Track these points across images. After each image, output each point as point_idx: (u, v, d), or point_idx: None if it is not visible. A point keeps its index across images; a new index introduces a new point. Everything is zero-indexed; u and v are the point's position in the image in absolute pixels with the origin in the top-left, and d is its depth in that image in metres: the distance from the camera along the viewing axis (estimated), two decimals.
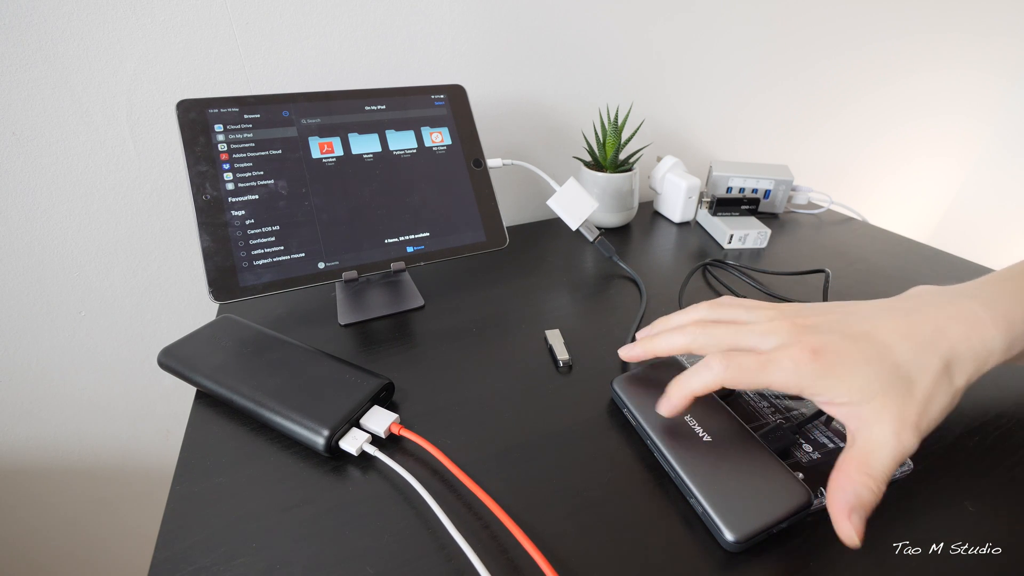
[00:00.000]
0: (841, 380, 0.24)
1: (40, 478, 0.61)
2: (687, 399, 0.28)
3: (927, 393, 0.24)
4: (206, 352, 0.37)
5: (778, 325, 0.27)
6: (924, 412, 0.24)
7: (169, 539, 0.26)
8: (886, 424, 0.23)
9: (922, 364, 0.24)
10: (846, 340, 0.25)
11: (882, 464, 0.23)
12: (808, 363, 0.24)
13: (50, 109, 0.46)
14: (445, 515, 0.26)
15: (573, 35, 0.63)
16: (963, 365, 0.24)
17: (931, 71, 0.95)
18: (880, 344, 0.25)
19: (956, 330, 0.25)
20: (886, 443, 0.23)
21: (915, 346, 0.25)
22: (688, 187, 0.64)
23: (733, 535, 0.24)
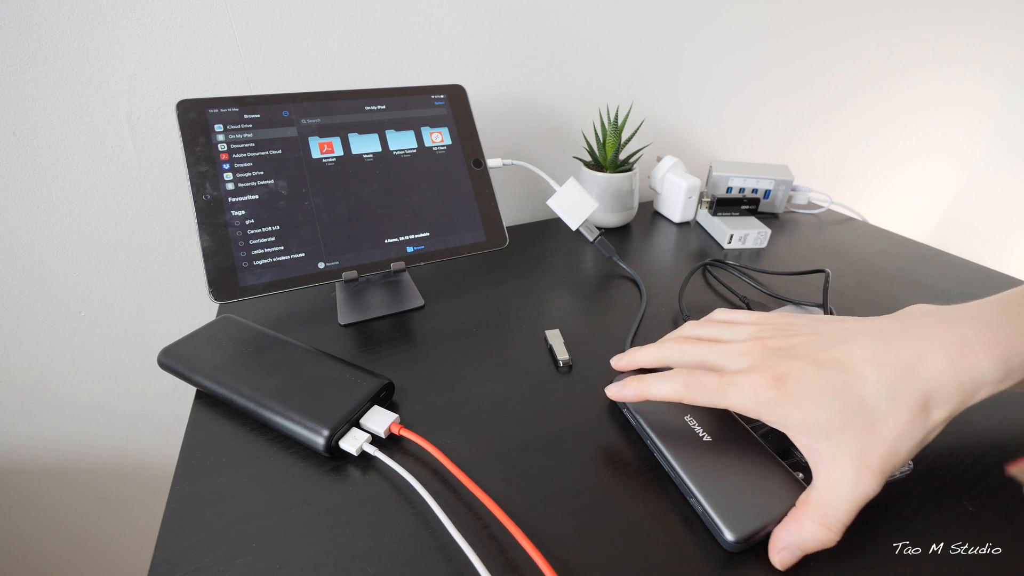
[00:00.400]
0: (800, 410, 0.23)
1: (40, 478, 0.61)
2: (639, 397, 0.30)
3: (895, 431, 0.22)
4: (206, 352, 0.37)
5: (750, 347, 0.27)
6: (889, 453, 0.22)
7: (169, 539, 0.26)
8: (844, 466, 0.22)
9: (894, 397, 0.22)
10: (812, 366, 0.24)
11: (838, 511, 0.22)
12: (768, 390, 0.24)
13: (50, 109, 0.46)
14: (445, 515, 0.26)
15: (573, 35, 0.63)
16: (944, 398, 0.22)
17: (931, 71, 0.95)
18: (849, 373, 0.23)
19: (939, 359, 0.22)
20: (843, 488, 0.22)
21: (888, 377, 0.23)
22: (688, 187, 0.64)
23: (733, 535, 0.24)
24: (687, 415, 0.31)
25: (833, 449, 0.23)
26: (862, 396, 0.23)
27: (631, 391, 0.30)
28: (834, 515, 0.23)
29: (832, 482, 0.23)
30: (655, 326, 0.44)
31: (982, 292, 0.48)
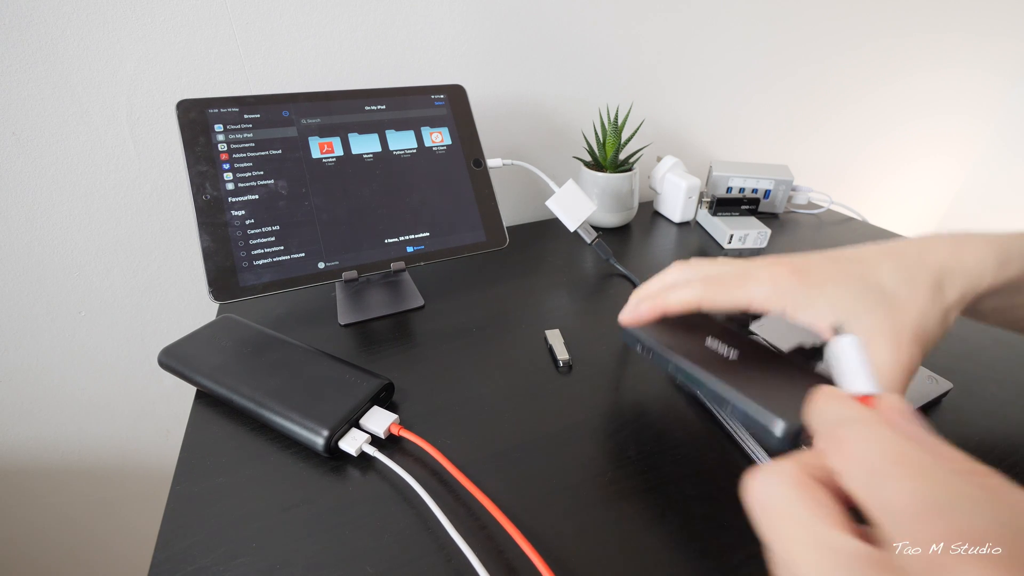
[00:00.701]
0: (823, 294, 0.23)
1: (40, 478, 0.61)
2: (656, 311, 0.28)
3: (918, 308, 0.22)
4: (206, 352, 0.37)
5: (761, 259, 0.27)
6: (919, 327, 0.22)
7: (169, 539, 0.26)
8: (882, 342, 0.22)
9: (909, 279, 0.23)
10: (829, 261, 0.25)
11: (890, 384, 0.21)
12: (787, 277, 0.24)
13: (50, 109, 0.46)
14: (444, 516, 0.26)
15: (573, 35, 0.63)
16: (953, 280, 0.23)
17: (931, 71, 0.95)
18: (865, 264, 0.24)
19: (944, 249, 0.24)
20: (886, 362, 0.22)
21: (901, 265, 0.23)
22: (688, 187, 0.64)
23: (785, 423, 0.22)
24: (707, 338, 0.29)
25: (865, 333, 0.22)
26: (880, 282, 0.23)
27: (646, 307, 0.28)
28: (887, 388, 0.22)
29: (875, 357, 0.22)
30: None
31: None
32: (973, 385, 0.36)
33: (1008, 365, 0.38)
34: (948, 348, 0.40)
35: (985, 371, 0.38)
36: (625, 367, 0.39)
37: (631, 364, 0.39)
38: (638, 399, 0.36)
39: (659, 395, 0.36)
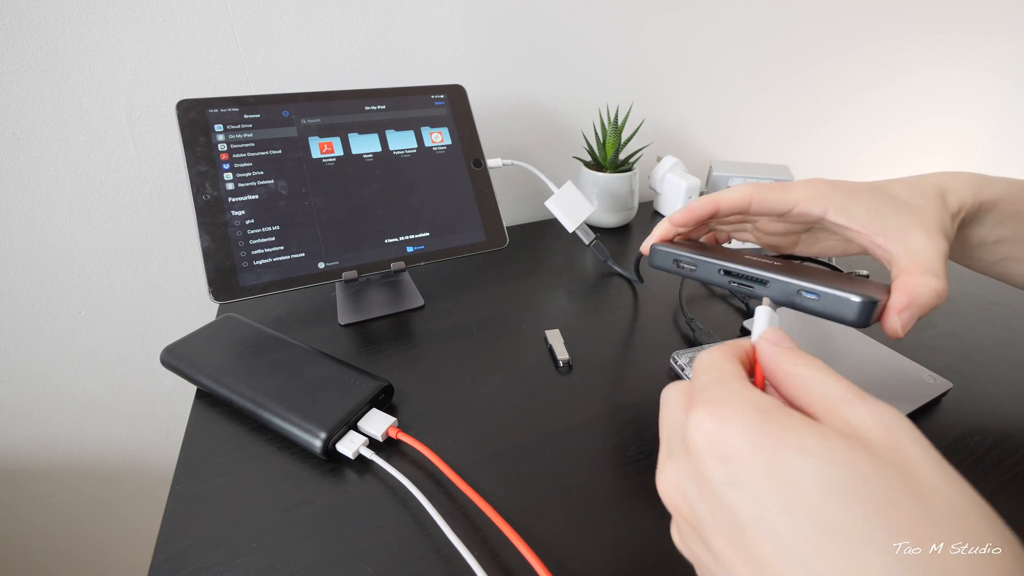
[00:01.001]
0: (855, 199, 0.26)
1: (40, 478, 0.61)
2: (711, 207, 0.29)
3: (934, 211, 0.26)
4: (208, 351, 0.37)
5: None
6: (939, 225, 0.25)
7: (169, 539, 0.27)
8: (916, 233, 0.25)
9: (918, 190, 0.27)
10: (851, 183, 0.28)
11: (935, 263, 0.24)
12: (825, 185, 0.27)
13: (50, 109, 0.46)
14: (441, 518, 0.26)
15: (573, 35, 0.63)
16: (950, 195, 0.27)
17: (931, 71, 0.95)
18: (878, 186, 0.28)
19: (934, 176, 0.28)
20: (927, 246, 0.24)
21: (908, 186, 0.28)
22: (688, 187, 0.64)
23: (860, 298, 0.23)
24: (745, 255, 0.30)
25: (898, 230, 0.25)
26: (896, 196, 0.27)
27: (701, 203, 0.30)
28: (933, 264, 0.24)
29: (915, 245, 0.25)
30: (655, 326, 0.44)
31: (982, 292, 0.48)
32: (972, 385, 0.36)
33: (1007, 365, 0.38)
34: (947, 348, 0.40)
35: (984, 371, 0.38)
36: (625, 367, 0.39)
37: (631, 364, 0.39)
38: (638, 399, 0.36)
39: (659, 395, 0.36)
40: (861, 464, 0.14)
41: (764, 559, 0.15)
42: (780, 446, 0.15)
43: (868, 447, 0.15)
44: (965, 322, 0.43)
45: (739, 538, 0.15)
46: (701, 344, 0.40)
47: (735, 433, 0.16)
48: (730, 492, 0.16)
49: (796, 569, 0.14)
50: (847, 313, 0.24)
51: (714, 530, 0.16)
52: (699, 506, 0.17)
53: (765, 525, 0.15)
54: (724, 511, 0.16)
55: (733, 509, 0.15)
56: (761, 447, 0.15)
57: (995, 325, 0.43)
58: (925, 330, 0.42)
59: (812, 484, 0.14)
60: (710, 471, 0.16)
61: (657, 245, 0.31)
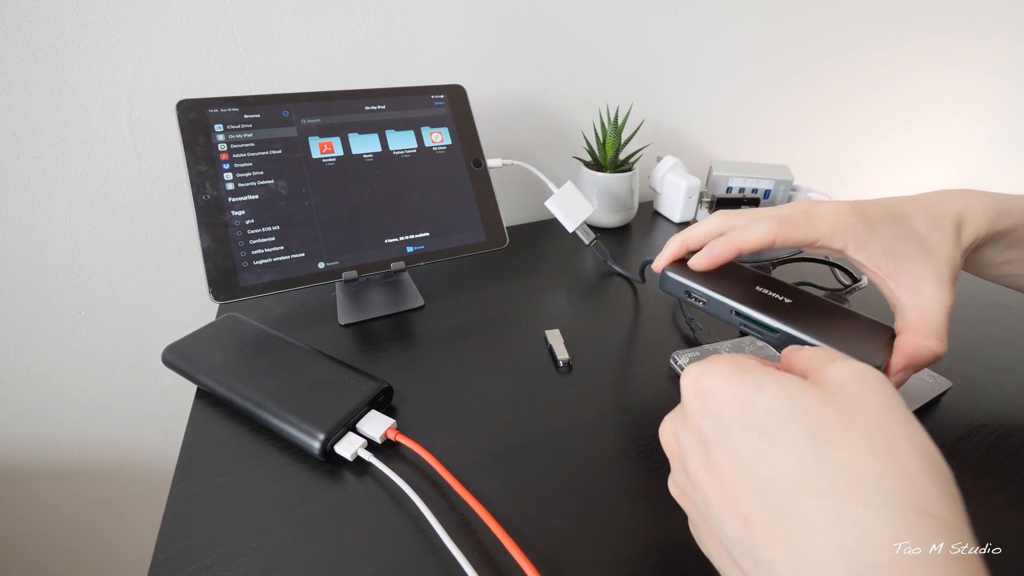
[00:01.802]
0: (876, 235, 0.26)
1: (40, 478, 0.61)
2: (733, 251, 0.28)
3: (948, 252, 0.26)
4: (209, 351, 0.37)
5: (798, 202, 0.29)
6: (952, 269, 0.26)
7: (169, 539, 0.26)
8: (928, 284, 0.26)
9: (936, 223, 0.27)
10: (870, 201, 0.28)
11: (939, 322, 0.25)
12: (848, 212, 0.27)
13: (50, 109, 0.46)
14: (437, 522, 0.26)
15: (573, 35, 0.63)
16: (967, 227, 0.27)
17: (931, 71, 0.95)
18: (900, 212, 0.27)
19: (956, 201, 0.28)
20: (935, 301, 0.25)
21: (929, 215, 0.27)
22: (688, 187, 0.64)
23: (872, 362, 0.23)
24: (756, 286, 0.30)
25: (912, 275, 0.26)
26: (916, 229, 0.27)
27: (723, 246, 0.28)
28: (937, 326, 0.25)
29: (924, 299, 0.26)
30: (655, 326, 0.44)
31: (982, 292, 0.48)
32: (972, 385, 0.36)
33: (1007, 365, 0.38)
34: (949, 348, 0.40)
35: (984, 371, 0.38)
36: (625, 367, 0.39)
37: (631, 364, 0.39)
38: (638, 400, 0.36)
39: (659, 395, 0.36)
40: (805, 397, 0.18)
41: (723, 470, 0.18)
42: (744, 384, 0.19)
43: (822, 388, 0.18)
44: (965, 322, 0.43)
45: (707, 457, 0.19)
46: (701, 344, 0.40)
47: (712, 377, 0.20)
48: (704, 420, 0.20)
49: (745, 474, 0.17)
50: None
51: (691, 455, 0.20)
52: (682, 437, 0.21)
53: (726, 442, 0.18)
54: (698, 436, 0.20)
55: (704, 432, 0.19)
56: (730, 385, 0.19)
57: (995, 325, 0.43)
58: None
59: (763, 410, 0.18)
60: (691, 406, 0.20)
61: (669, 271, 0.31)
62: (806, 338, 0.26)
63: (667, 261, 0.32)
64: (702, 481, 0.19)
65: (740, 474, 0.18)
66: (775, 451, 0.17)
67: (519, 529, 0.27)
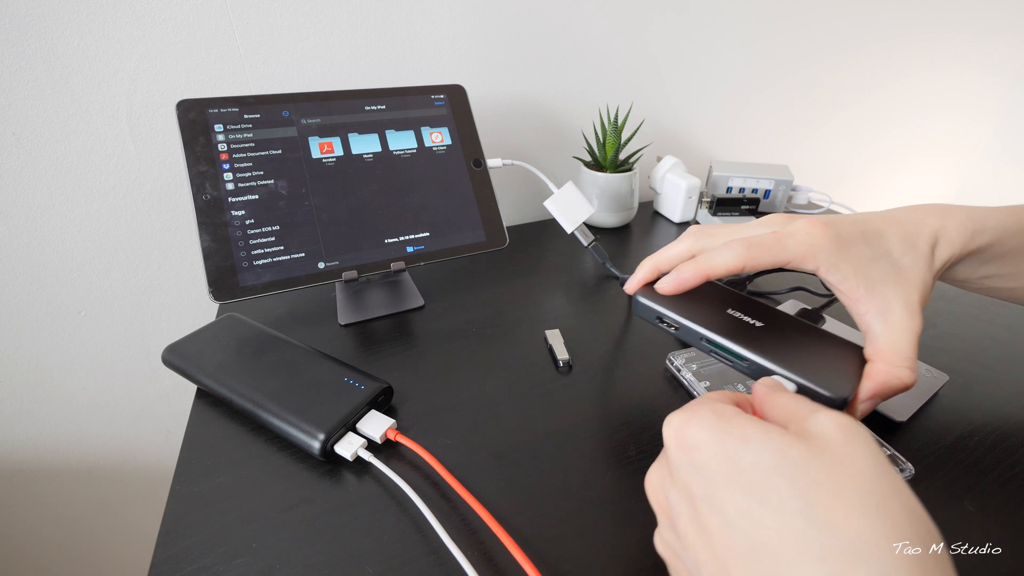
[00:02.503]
0: (848, 256, 0.26)
1: (40, 478, 0.61)
2: (701, 277, 0.28)
3: (920, 276, 0.26)
4: (209, 350, 0.37)
5: (772, 217, 0.28)
6: (922, 293, 0.26)
7: (169, 539, 0.26)
8: (898, 311, 0.25)
9: (911, 246, 0.26)
10: (845, 220, 0.27)
11: (909, 348, 0.25)
12: (821, 232, 0.26)
13: (50, 109, 0.46)
14: (437, 522, 0.26)
15: (573, 35, 0.63)
16: (941, 248, 0.27)
17: (931, 71, 0.95)
18: (873, 230, 0.27)
19: (933, 219, 0.27)
20: (904, 328, 0.25)
21: (903, 233, 0.27)
22: (688, 187, 0.64)
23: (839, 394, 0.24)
24: (728, 308, 0.30)
25: (882, 299, 0.25)
26: (889, 250, 0.26)
27: (690, 272, 0.28)
28: (907, 353, 0.24)
29: (894, 326, 0.25)
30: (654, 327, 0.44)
31: None
32: (972, 385, 0.36)
33: (1007, 365, 0.38)
34: (947, 348, 0.40)
35: (983, 371, 0.38)
36: (625, 367, 0.39)
37: (631, 364, 0.39)
38: (638, 400, 0.36)
39: (659, 395, 0.36)
40: (792, 452, 0.17)
41: (713, 532, 0.18)
42: (727, 436, 0.19)
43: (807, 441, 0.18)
44: (965, 322, 0.43)
45: (696, 516, 0.19)
46: None
47: (694, 428, 0.19)
48: (690, 475, 0.19)
49: (735, 538, 0.17)
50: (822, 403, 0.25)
51: (680, 513, 0.20)
52: (670, 493, 0.20)
53: (713, 501, 0.18)
54: (686, 493, 0.19)
55: (691, 489, 0.19)
56: (714, 436, 0.19)
57: (995, 325, 0.43)
58: (925, 330, 0.42)
59: (750, 465, 0.17)
60: (676, 459, 0.20)
61: (640, 297, 0.31)
62: (775, 368, 0.26)
63: (638, 285, 0.31)
64: (692, 542, 0.19)
65: (730, 537, 0.17)
66: (764, 511, 0.16)
67: (519, 529, 0.27)
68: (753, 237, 0.27)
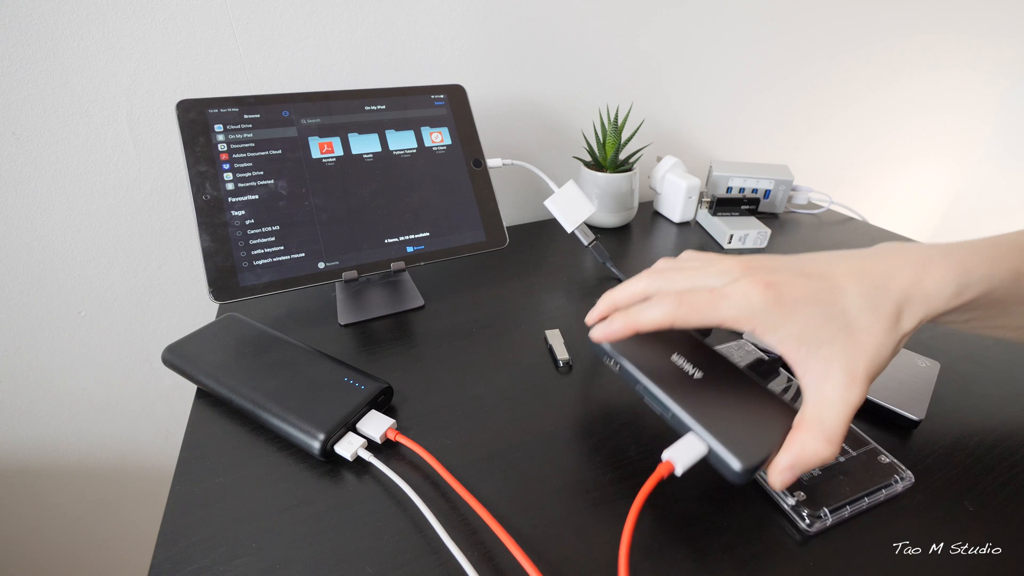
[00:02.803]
0: (790, 319, 0.24)
1: (40, 478, 0.61)
2: (629, 331, 0.27)
3: (875, 341, 0.23)
4: (209, 350, 0.37)
5: (731, 266, 0.27)
6: (872, 362, 0.23)
7: (169, 539, 0.26)
8: (835, 379, 0.23)
9: (873, 307, 0.24)
10: (800, 278, 0.25)
11: (835, 423, 0.23)
12: (759, 295, 0.24)
13: (50, 109, 0.46)
14: (437, 522, 0.26)
15: (573, 35, 0.63)
16: (912, 309, 0.24)
17: (931, 71, 0.95)
18: (832, 283, 0.24)
19: (907, 273, 0.24)
20: (835, 400, 0.23)
21: (866, 288, 0.24)
22: (688, 187, 0.64)
23: (742, 464, 0.24)
24: (673, 354, 0.30)
25: (823, 364, 0.24)
26: (845, 308, 0.24)
27: (619, 324, 0.28)
28: (832, 427, 0.23)
29: (825, 396, 0.23)
30: None
31: None
32: (972, 385, 0.36)
33: (1007, 365, 0.38)
34: (947, 348, 0.40)
35: (984, 371, 0.38)
36: None
37: None
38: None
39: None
40: None
41: None
42: None
43: None
44: None
45: None
46: None
47: None
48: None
49: None
50: (726, 473, 0.25)
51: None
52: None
53: None
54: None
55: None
56: None
57: None
58: (925, 329, 0.42)
59: None
60: None
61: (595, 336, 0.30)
62: (692, 425, 0.26)
63: (595, 320, 0.31)
64: None
65: None
66: None
67: (518, 529, 0.27)
68: (688, 294, 0.26)
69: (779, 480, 0.24)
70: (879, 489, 0.27)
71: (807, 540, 0.26)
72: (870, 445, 0.30)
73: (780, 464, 0.24)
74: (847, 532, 0.26)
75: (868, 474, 0.28)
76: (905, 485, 0.28)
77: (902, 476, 0.28)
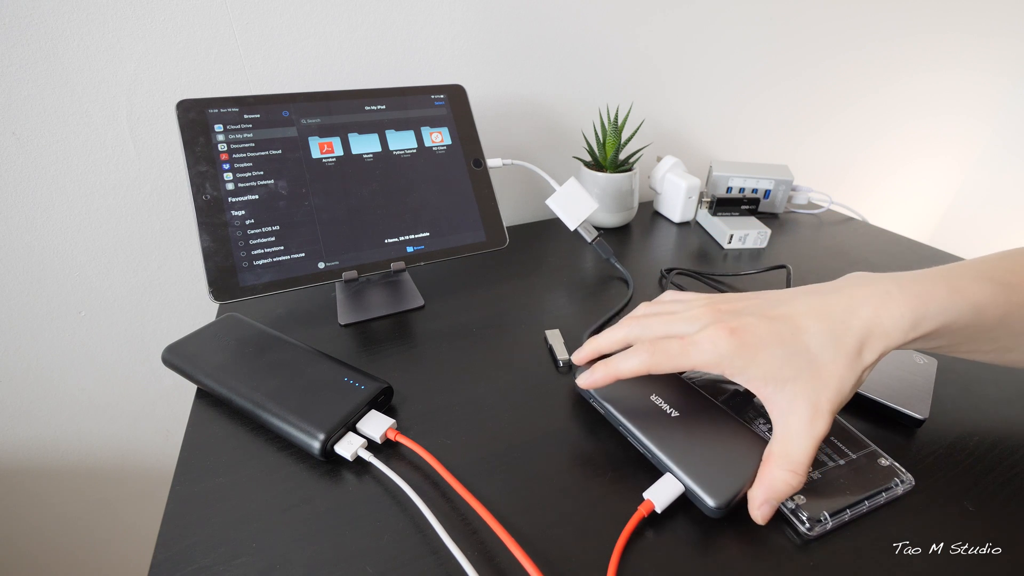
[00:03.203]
0: (755, 361, 0.25)
1: (40, 478, 0.61)
2: (610, 379, 0.30)
3: (838, 375, 0.25)
4: (209, 350, 0.37)
5: (704, 311, 0.29)
6: (835, 395, 0.25)
7: (169, 539, 0.26)
8: (800, 413, 0.25)
9: (834, 344, 0.25)
10: (763, 321, 0.26)
11: (800, 454, 0.25)
12: (725, 341, 0.26)
13: (50, 109, 0.46)
14: (437, 522, 0.26)
15: (573, 35, 0.63)
16: (872, 344, 0.25)
17: (931, 71, 0.95)
18: (794, 325, 0.26)
19: (867, 309, 0.26)
20: (800, 432, 0.25)
21: (827, 327, 0.26)
22: (688, 187, 0.64)
23: (716, 501, 0.26)
24: (652, 394, 0.32)
25: (788, 398, 0.25)
26: (807, 346, 0.25)
27: (600, 374, 0.30)
28: (797, 459, 0.25)
29: (791, 429, 0.25)
30: None
31: None
32: (972, 385, 0.36)
33: None
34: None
35: (984, 371, 0.38)
36: None
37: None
38: None
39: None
40: None
41: None
42: None
43: None
44: None
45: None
46: None
47: None
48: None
49: None
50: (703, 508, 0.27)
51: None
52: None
53: None
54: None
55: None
56: None
57: None
58: None
59: None
60: None
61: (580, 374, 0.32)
62: (669, 464, 0.28)
63: (583, 362, 0.33)
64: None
65: None
66: None
67: (519, 529, 0.27)
68: (662, 342, 0.28)
69: (759, 515, 0.26)
70: (879, 492, 0.27)
71: (807, 544, 0.26)
72: (870, 447, 0.30)
73: (756, 500, 0.26)
74: (847, 534, 0.26)
75: (868, 477, 0.28)
76: (905, 488, 0.28)
77: (902, 479, 0.28)
